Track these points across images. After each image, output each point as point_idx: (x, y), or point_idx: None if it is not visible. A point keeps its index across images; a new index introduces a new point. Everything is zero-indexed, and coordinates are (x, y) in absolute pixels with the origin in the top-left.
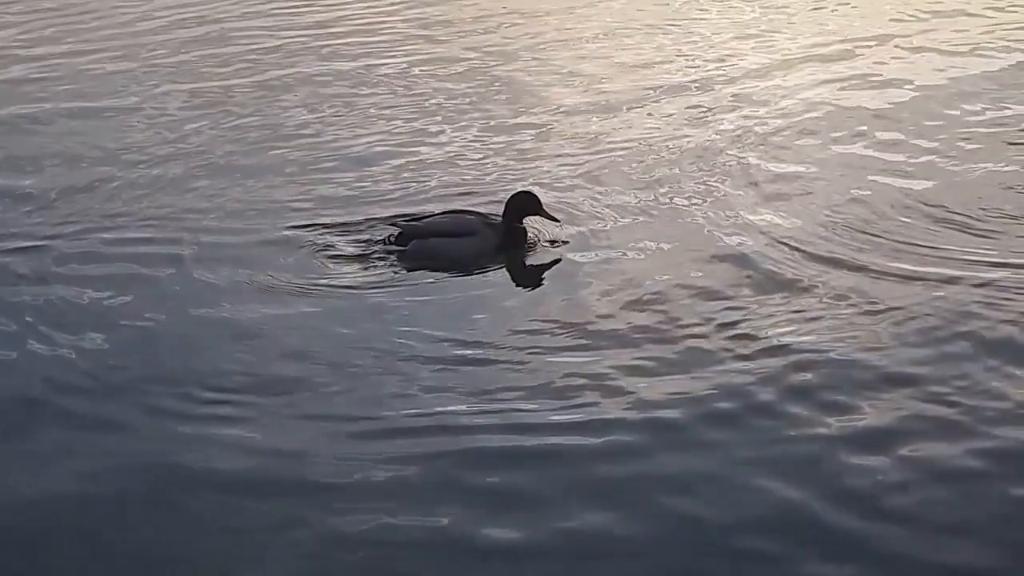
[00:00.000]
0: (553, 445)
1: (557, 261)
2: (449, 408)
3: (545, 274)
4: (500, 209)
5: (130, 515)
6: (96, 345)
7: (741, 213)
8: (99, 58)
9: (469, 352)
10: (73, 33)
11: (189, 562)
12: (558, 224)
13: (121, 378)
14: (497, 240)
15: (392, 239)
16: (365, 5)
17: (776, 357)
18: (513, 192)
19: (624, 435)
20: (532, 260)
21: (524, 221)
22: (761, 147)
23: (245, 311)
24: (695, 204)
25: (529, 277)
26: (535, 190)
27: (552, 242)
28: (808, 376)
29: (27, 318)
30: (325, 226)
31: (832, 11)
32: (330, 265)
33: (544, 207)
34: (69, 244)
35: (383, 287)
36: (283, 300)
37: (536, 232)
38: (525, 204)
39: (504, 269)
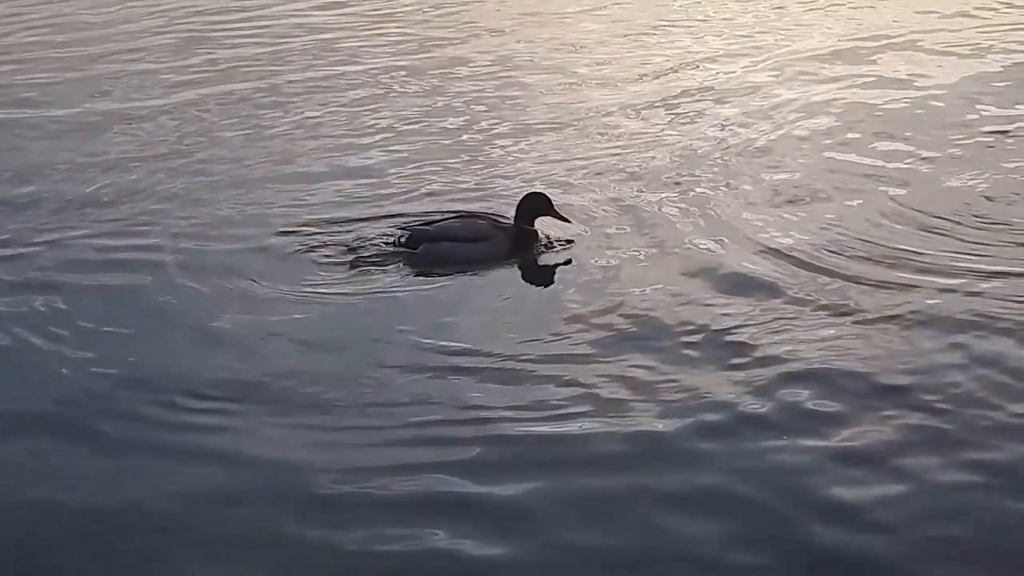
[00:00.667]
0: (542, 457)
1: (563, 264)
2: (435, 418)
3: (543, 280)
4: (489, 210)
5: (110, 525)
6: (79, 353)
7: (734, 220)
8: (79, 63)
9: (458, 360)
10: (53, 38)
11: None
12: (569, 224)
13: (104, 386)
14: (508, 244)
15: (401, 241)
16: (352, 9)
17: (768, 368)
18: (525, 193)
19: (614, 447)
20: (538, 264)
21: (535, 222)
22: (754, 153)
23: (232, 318)
24: (691, 211)
25: (529, 282)
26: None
27: (554, 242)
28: (799, 388)
29: (9, 326)
30: (315, 230)
31: (825, 14)
32: (319, 270)
33: (555, 208)
34: (51, 251)
35: (371, 293)
36: (270, 306)
37: (543, 234)
38: (537, 205)
39: (503, 274)
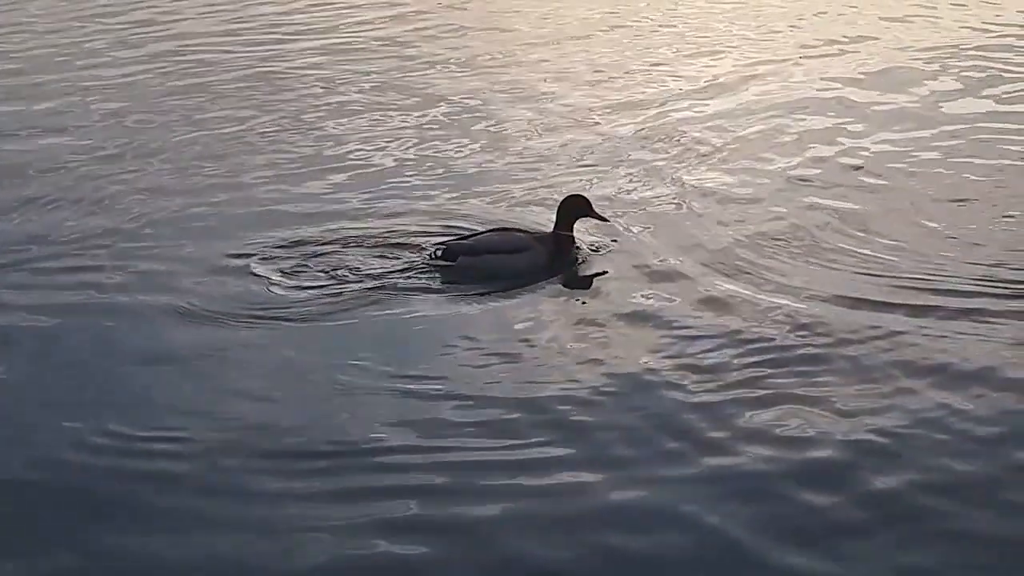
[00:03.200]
0: (502, 484)
1: (594, 277)
2: (385, 445)
3: (545, 306)
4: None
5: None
6: (20, 390)
7: (709, 243)
8: (31, 76)
9: (418, 387)
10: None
11: None
12: (607, 223)
13: (47, 415)
14: (546, 255)
15: (437, 255)
16: (327, 17)
17: (732, 390)
18: (564, 196)
19: (572, 470)
20: (571, 273)
21: (574, 225)
22: (734, 194)
23: (186, 342)
24: (674, 232)
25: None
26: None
27: (591, 249)
28: (766, 410)
29: None
30: (274, 250)
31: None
32: (269, 291)
33: (594, 208)
34: None
35: (333, 315)
36: (218, 329)
37: (579, 242)
38: (578, 207)
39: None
